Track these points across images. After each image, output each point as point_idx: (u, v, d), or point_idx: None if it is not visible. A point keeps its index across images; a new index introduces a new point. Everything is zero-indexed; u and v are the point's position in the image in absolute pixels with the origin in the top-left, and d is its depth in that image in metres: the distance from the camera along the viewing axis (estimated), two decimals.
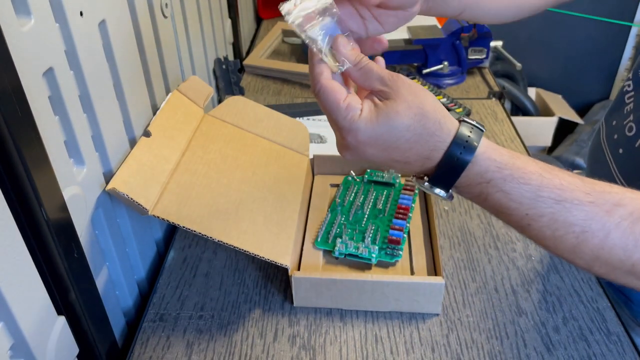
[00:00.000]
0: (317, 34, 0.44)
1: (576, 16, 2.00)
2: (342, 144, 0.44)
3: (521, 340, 0.59)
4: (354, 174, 0.80)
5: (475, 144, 0.41)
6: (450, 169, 0.42)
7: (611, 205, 0.40)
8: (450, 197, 0.44)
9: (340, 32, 0.45)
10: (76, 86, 0.52)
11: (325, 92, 0.42)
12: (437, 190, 0.43)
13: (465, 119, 0.43)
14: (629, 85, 0.66)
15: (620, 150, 0.63)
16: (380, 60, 0.47)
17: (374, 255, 0.65)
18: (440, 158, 0.42)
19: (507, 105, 2.05)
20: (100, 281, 0.57)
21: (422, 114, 0.41)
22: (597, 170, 0.69)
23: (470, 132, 0.41)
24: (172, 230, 0.78)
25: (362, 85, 0.44)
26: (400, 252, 0.66)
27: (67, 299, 0.49)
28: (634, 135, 0.61)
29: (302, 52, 1.26)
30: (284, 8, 0.44)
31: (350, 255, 0.66)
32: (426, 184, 0.43)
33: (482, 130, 0.42)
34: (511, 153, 0.42)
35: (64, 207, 0.48)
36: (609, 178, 0.64)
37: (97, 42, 0.55)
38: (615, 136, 0.65)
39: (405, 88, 0.41)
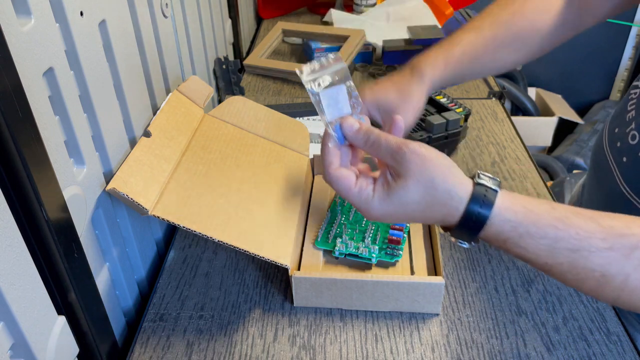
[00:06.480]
0: (325, 102, 0.47)
1: None
2: (362, 215, 0.48)
3: (521, 340, 0.59)
4: None
5: (489, 208, 0.43)
6: (467, 229, 0.44)
7: (629, 249, 0.41)
8: (474, 246, 0.47)
9: (349, 98, 0.48)
10: (76, 86, 0.52)
11: (337, 181, 0.47)
12: (460, 242, 0.46)
13: (480, 180, 0.44)
14: (635, 94, 0.66)
15: (624, 159, 0.63)
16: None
17: (374, 255, 0.65)
18: (456, 221, 0.44)
19: (507, 105, 2.05)
20: (100, 281, 0.57)
21: (432, 187, 0.43)
22: (601, 177, 0.68)
23: (485, 194, 0.43)
24: (172, 230, 0.78)
25: (375, 157, 0.47)
26: (401, 252, 0.66)
27: (67, 299, 0.49)
28: (638, 144, 0.61)
29: (302, 52, 1.26)
30: (302, 69, 0.48)
31: (350, 255, 0.66)
32: (451, 237, 0.46)
33: (496, 191, 0.43)
34: (526, 207, 0.43)
35: (64, 207, 0.48)
36: (613, 185, 0.64)
37: (97, 42, 0.55)
38: (619, 144, 0.65)
39: (414, 163, 0.43)
